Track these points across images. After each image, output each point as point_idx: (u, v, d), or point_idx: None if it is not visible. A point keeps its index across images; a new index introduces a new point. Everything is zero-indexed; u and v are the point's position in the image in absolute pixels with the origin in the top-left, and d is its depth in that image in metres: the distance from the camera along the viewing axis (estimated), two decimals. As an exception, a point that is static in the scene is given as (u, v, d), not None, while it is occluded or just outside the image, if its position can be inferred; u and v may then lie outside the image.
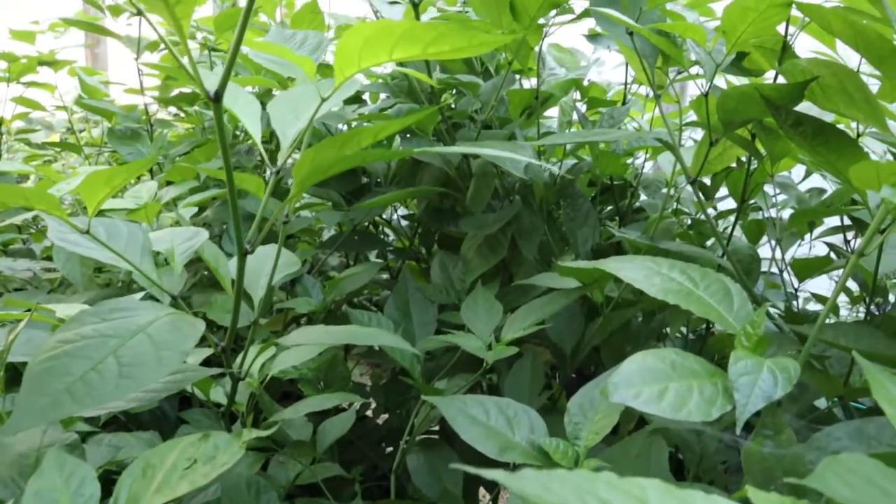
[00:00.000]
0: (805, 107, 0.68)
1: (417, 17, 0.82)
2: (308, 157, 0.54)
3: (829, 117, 0.66)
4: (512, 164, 0.78)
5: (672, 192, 1.01)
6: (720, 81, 0.86)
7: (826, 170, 0.70)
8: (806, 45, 0.78)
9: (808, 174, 1.13)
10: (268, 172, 0.51)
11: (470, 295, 0.91)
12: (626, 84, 1.09)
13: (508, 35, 0.39)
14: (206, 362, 0.76)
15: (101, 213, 0.96)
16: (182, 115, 1.64)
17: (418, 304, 1.02)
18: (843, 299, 1.22)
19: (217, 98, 0.38)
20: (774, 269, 1.14)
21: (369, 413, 1.22)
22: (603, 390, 0.46)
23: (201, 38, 1.43)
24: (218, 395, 0.83)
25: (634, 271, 0.54)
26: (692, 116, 0.88)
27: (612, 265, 0.55)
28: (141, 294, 0.74)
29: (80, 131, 2.12)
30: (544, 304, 0.85)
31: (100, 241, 0.54)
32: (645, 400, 0.46)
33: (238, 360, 0.70)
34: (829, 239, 1.12)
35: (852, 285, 1.14)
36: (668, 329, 1.08)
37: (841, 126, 0.64)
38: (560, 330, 0.96)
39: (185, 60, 0.37)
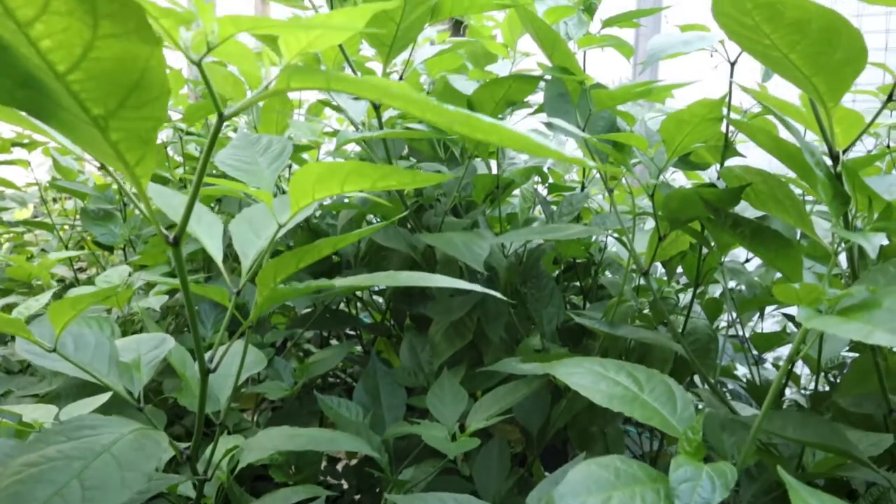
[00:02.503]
0: (744, 205, 0.72)
1: (378, 117, 0.86)
2: (270, 271, 0.57)
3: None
4: (471, 258, 0.81)
5: (632, 275, 1.04)
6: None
7: (766, 263, 0.74)
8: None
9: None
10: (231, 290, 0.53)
11: (436, 382, 0.93)
12: (583, 174, 1.13)
13: (445, 174, 0.43)
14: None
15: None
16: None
17: (387, 387, 1.04)
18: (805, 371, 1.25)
19: (176, 242, 0.41)
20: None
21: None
22: (549, 500, 0.48)
23: (175, 117, 1.46)
24: (186, 488, 0.84)
25: (583, 377, 0.57)
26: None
27: (562, 371, 0.58)
28: (108, 395, 0.75)
29: (55, 202, 2.14)
30: (508, 392, 0.87)
31: (66, 358, 0.56)
32: (591, 509, 0.48)
33: (206, 452, 0.71)
34: (789, 309, 1.16)
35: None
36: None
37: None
38: (526, 412, 0.98)
39: (143, 207, 0.39)
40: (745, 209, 0.74)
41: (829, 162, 0.56)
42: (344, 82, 0.30)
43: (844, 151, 0.54)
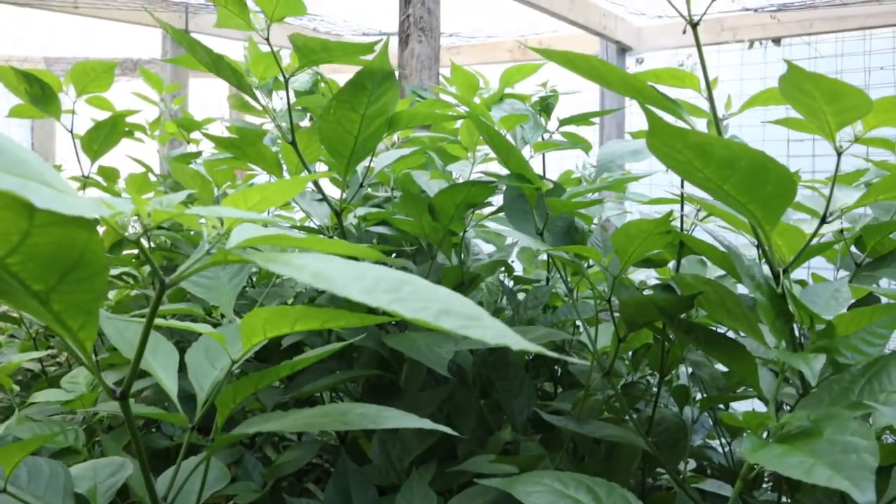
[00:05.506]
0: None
1: (340, 224, 0.87)
2: (230, 394, 0.57)
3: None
4: (435, 361, 0.82)
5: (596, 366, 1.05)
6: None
7: (722, 364, 0.75)
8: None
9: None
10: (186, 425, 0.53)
11: (405, 483, 0.92)
12: (549, 258, 1.15)
13: (385, 317, 0.43)
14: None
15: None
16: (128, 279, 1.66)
17: (358, 486, 1.02)
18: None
19: (123, 396, 0.41)
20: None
21: None
22: None
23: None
24: None
25: (541, 497, 0.57)
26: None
27: (521, 490, 0.58)
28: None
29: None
30: (478, 494, 0.86)
31: (17, 497, 0.55)
32: None
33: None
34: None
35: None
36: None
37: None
38: (498, 509, 0.97)
39: (88, 367, 0.39)
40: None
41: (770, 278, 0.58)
42: (279, 264, 0.31)
43: (785, 270, 0.56)
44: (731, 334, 0.77)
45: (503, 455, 0.95)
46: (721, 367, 1.08)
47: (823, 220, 0.55)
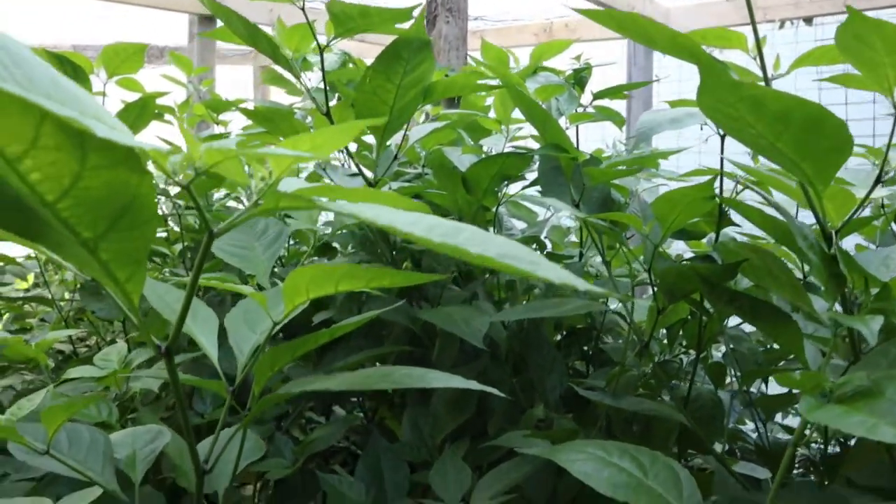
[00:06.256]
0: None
1: (375, 196, 0.86)
2: (267, 362, 0.56)
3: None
4: (471, 334, 0.81)
5: (633, 339, 1.03)
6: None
7: (765, 337, 0.73)
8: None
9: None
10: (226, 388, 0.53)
11: (439, 459, 0.91)
12: (581, 230, 1.14)
13: (445, 274, 0.43)
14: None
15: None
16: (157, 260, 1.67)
17: (390, 463, 1.02)
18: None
19: (168, 354, 0.41)
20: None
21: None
22: None
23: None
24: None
25: (585, 464, 0.56)
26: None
27: (564, 458, 0.57)
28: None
29: (55, 272, 2.14)
30: (512, 468, 0.86)
31: (59, 460, 0.55)
32: None
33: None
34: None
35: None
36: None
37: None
38: (531, 485, 0.96)
39: (135, 320, 0.39)
40: (742, 278, 0.74)
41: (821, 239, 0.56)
42: (333, 206, 0.30)
43: (838, 231, 0.54)
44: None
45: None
46: (759, 347, 1.07)
47: (878, 181, 0.54)
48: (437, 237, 0.30)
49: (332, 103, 1.30)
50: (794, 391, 1.17)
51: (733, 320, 1.04)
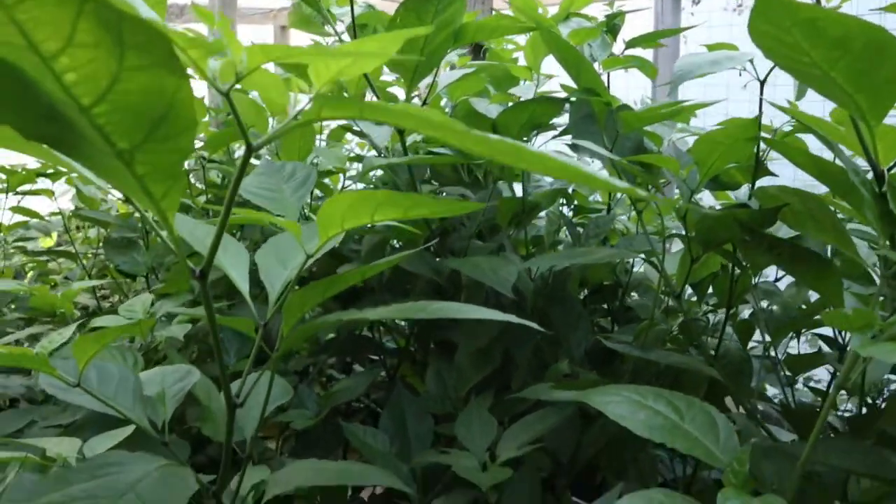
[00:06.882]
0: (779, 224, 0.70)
1: (402, 142, 0.85)
2: (297, 301, 0.55)
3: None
4: (499, 283, 0.80)
5: (661, 297, 1.02)
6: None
7: (804, 285, 0.72)
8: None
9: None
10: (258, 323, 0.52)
11: (465, 409, 0.91)
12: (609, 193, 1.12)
13: (478, 203, 0.41)
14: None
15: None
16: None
17: (414, 415, 1.02)
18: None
19: (203, 276, 0.40)
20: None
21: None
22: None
23: (197, 145, 1.46)
24: (211, 522, 0.82)
25: (620, 406, 0.55)
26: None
27: (598, 400, 0.56)
28: (132, 428, 0.74)
29: (78, 230, 2.15)
30: (538, 420, 0.85)
31: (90, 393, 0.55)
32: (634, 547, 0.46)
33: (231, 486, 0.70)
34: (822, 329, 1.13)
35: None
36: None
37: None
38: (556, 439, 0.96)
39: (168, 240, 0.38)
40: (776, 230, 0.72)
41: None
42: (379, 111, 0.29)
43: (889, 169, 0.52)
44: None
45: (561, 387, 0.93)
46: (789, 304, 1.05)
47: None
48: (500, 154, 0.28)
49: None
50: (823, 350, 1.15)
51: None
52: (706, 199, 1.22)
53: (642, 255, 0.83)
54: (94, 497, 0.48)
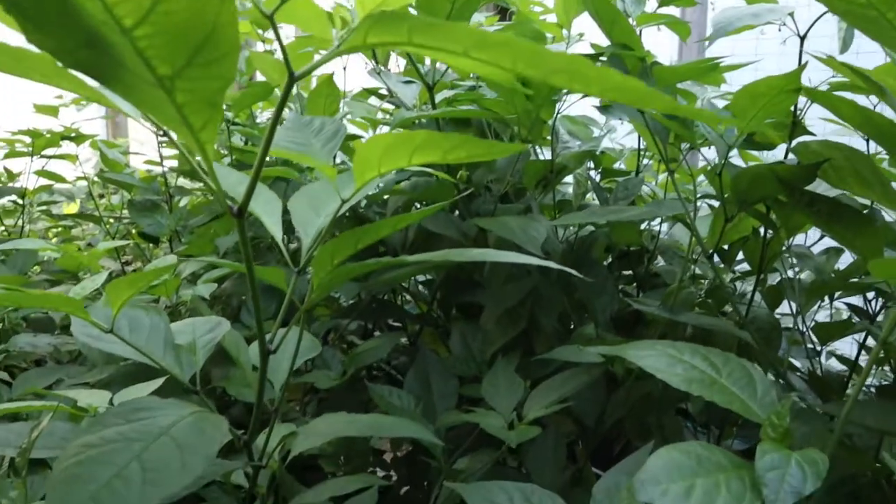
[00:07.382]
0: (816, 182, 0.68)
1: (432, 99, 0.84)
2: (328, 253, 0.55)
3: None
4: (528, 241, 0.79)
5: (690, 260, 1.01)
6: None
7: (842, 244, 0.70)
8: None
9: (823, 235, 1.13)
10: (290, 270, 0.52)
11: (490, 370, 0.91)
12: (639, 151, 1.10)
13: (520, 144, 0.40)
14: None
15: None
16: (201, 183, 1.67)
17: (438, 376, 1.02)
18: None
19: (241, 214, 0.39)
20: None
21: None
22: (629, 487, 0.46)
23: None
24: (238, 476, 0.83)
25: (656, 360, 0.54)
26: (706, 183, 0.89)
27: (633, 353, 0.55)
28: (161, 381, 0.74)
29: (101, 197, 2.16)
30: (565, 381, 0.85)
31: (123, 340, 0.55)
32: (672, 498, 0.45)
33: (259, 441, 0.70)
34: (850, 299, 1.12)
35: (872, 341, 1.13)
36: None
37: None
38: (582, 402, 0.96)
39: (207, 178, 0.38)
40: (813, 189, 0.71)
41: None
42: (432, 30, 0.28)
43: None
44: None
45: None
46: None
47: None
48: (555, 73, 0.27)
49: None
50: (853, 319, 1.14)
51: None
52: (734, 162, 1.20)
53: (671, 219, 0.81)
54: (128, 439, 0.48)
